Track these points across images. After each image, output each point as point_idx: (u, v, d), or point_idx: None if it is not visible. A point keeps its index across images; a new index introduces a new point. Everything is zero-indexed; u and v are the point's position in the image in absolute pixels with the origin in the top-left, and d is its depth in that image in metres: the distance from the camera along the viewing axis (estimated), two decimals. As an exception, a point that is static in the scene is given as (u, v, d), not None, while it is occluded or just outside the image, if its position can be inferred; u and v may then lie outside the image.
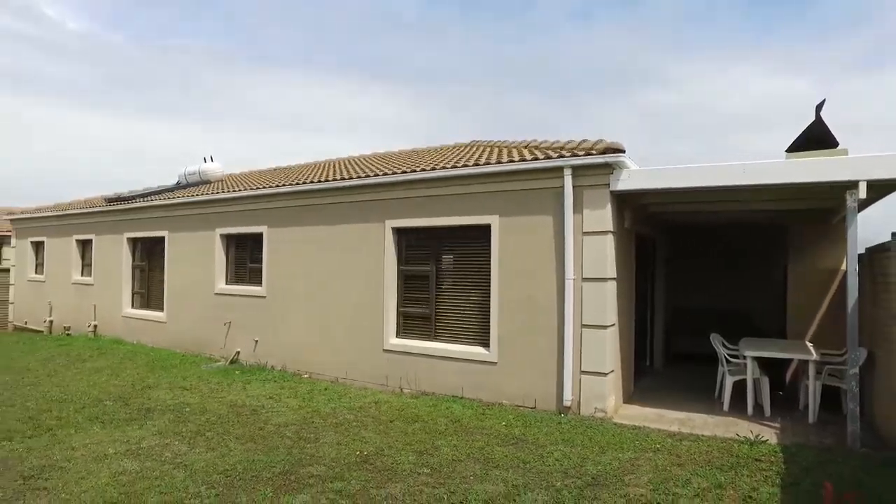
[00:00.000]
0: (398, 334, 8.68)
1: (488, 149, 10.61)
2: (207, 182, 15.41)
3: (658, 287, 10.83)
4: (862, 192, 5.62)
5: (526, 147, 9.06)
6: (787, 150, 8.56)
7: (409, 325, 8.68)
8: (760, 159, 6.46)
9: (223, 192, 10.92)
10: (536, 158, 7.25)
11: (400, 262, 8.71)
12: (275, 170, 16.12)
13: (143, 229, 13.00)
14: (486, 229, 7.76)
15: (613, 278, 7.05)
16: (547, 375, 7.28)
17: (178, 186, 15.22)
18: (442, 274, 8.40)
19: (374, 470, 5.14)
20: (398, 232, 8.68)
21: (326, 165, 13.89)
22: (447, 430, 6.51)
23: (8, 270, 17.61)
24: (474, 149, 11.11)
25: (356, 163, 12.16)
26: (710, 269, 11.74)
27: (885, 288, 5.88)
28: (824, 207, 7.48)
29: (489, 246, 7.74)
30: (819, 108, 8.54)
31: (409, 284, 8.68)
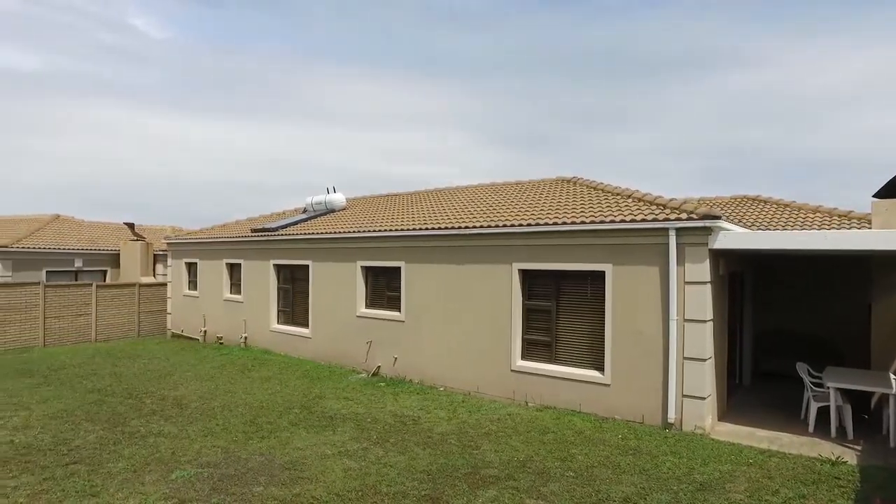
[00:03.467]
0: (523, 357, 10.46)
1: (591, 190, 12.20)
2: (332, 211, 17.80)
3: (746, 312, 12.06)
4: (928, 261, 6.85)
5: (630, 197, 10.57)
6: (874, 196, 9.72)
7: (532, 349, 10.43)
8: (851, 142, 7.74)
9: (364, 230, 13.03)
10: (645, 219, 8.79)
11: (524, 297, 10.48)
12: (388, 198, 18.26)
13: (289, 258, 15.42)
14: (600, 274, 9.40)
15: (711, 319, 8.52)
16: (653, 396, 8.84)
17: (309, 216, 17.65)
18: (561, 308, 10.09)
19: (532, 472, 6.93)
20: (523, 273, 10.44)
21: (438, 196, 15.84)
22: (575, 440, 8.20)
23: (165, 285, 20.73)
24: (577, 188, 12.73)
25: (473, 196, 13.97)
26: (795, 295, 12.77)
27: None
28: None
29: (603, 288, 9.37)
30: (902, 161, 9.58)
31: (532, 316, 10.43)
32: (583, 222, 9.43)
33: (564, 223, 9.66)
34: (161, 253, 22.31)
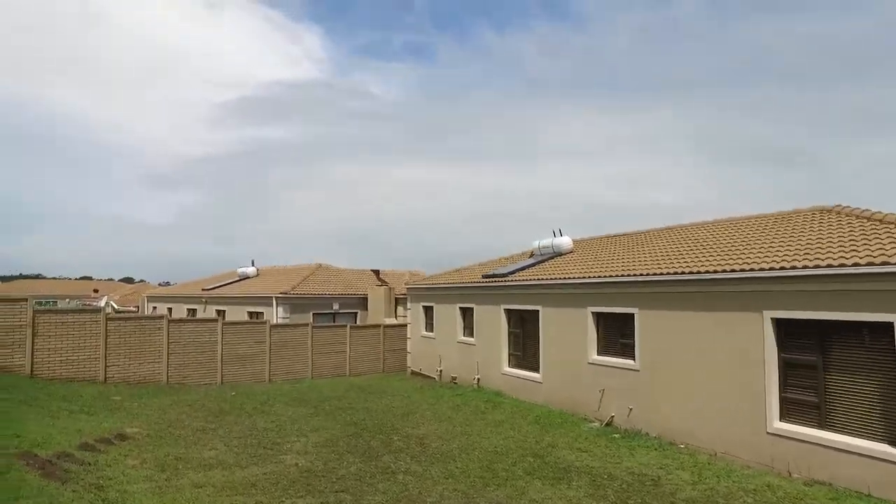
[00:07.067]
0: (782, 418, 9.12)
1: (862, 221, 10.43)
2: (559, 254, 17.84)
3: None
4: None
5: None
6: None
7: (793, 410, 9.05)
8: None
9: (594, 276, 12.82)
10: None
11: (780, 349, 9.21)
12: (615, 238, 17.72)
13: (518, 303, 15.81)
14: (886, 326, 7.84)
15: None
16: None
17: (536, 261, 17.93)
18: (831, 364, 8.62)
19: (808, 564, 5.91)
20: (777, 322, 9.22)
21: (670, 235, 14.87)
22: (862, 529, 6.81)
23: (405, 326, 22.74)
24: (841, 219, 10.95)
25: (710, 234, 12.84)
26: None
27: None
28: None
29: (892, 343, 7.77)
30: None
31: (791, 372, 9.10)
32: (856, 264, 8.01)
33: (830, 266, 8.32)
34: (401, 296, 24.57)
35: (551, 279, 14.29)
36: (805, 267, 8.64)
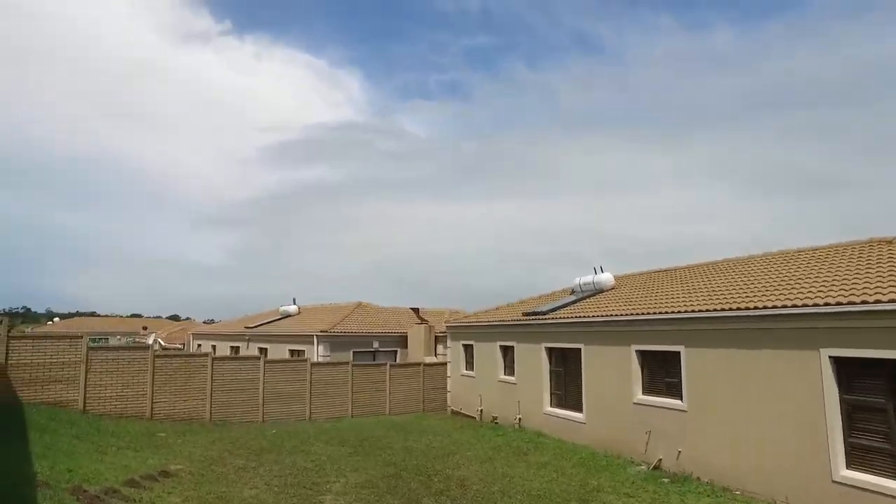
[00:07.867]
0: (849, 466, 8.55)
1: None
2: (601, 291, 17.53)
3: None
4: None
5: None
6: None
7: (861, 458, 8.48)
8: None
9: (637, 313, 12.50)
10: None
11: (842, 390, 8.72)
12: (658, 274, 17.33)
13: (560, 341, 15.52)
14: (956, 366, 7.35)
15: None
16: None
17: (577, 298, 17.65)
18: (902, 408, 8.09)
19: None
20: (836, 361, 8.75)
21: (715, 269, 14.44)
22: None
23: (445, 365, 22.55)
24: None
25: (759, 268, 12.40)
26: None
27: None
28: None
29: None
30: None
31: (857, 416, 8.57)
32: (921, 299, 7.59)
33: (892, 301, 7.89)
34: (441, 334, 24.45)
35: (593, 317, 14.01)
36: (864, 302, 8.23)
